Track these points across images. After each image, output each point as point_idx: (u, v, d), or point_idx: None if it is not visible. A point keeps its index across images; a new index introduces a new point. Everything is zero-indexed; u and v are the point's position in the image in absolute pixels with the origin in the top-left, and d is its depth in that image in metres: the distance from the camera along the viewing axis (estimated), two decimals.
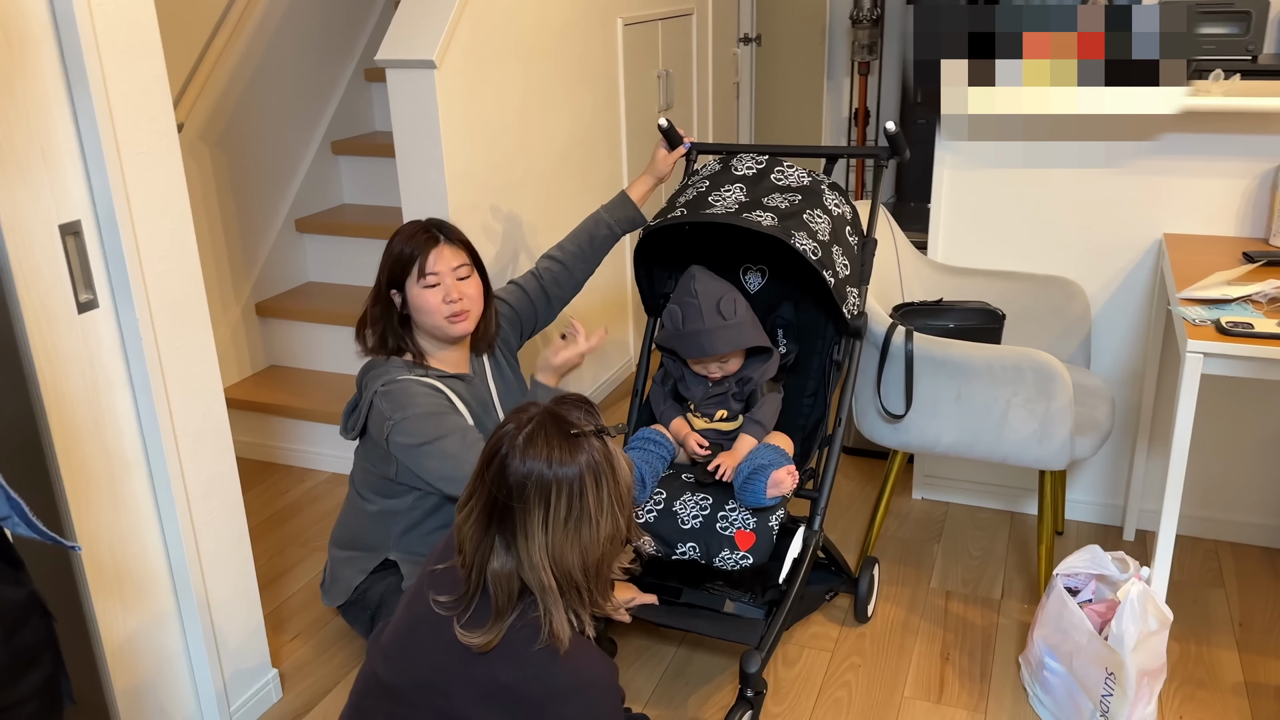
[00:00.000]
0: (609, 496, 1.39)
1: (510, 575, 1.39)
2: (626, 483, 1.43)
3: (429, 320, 2.10)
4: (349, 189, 3.77)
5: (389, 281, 2.11)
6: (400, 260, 2.10)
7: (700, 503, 1.99)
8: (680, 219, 2.06)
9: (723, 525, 1.95)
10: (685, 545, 1.96)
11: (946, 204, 2.66)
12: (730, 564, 1.93)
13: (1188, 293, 2.02)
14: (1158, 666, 1.92)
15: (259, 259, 3.44)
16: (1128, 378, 2.63)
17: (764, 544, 1.93)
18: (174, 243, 1.83)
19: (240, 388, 3.34)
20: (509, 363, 2.34)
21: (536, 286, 2.39)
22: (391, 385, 2.04)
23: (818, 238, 2.01)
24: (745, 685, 1.93)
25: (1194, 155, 2.42)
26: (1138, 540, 2.71)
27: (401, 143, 2.57)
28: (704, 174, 2.20)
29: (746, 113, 5.01)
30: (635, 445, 2.11)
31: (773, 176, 2.12)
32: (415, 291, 2.09)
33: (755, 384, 2.12)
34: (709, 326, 2.04)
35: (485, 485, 1.40)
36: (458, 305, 2.10)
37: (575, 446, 1.38)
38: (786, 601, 1.99)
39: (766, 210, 2.02)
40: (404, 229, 2.13)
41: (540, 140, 3.03)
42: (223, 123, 3.23)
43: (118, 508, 1.80)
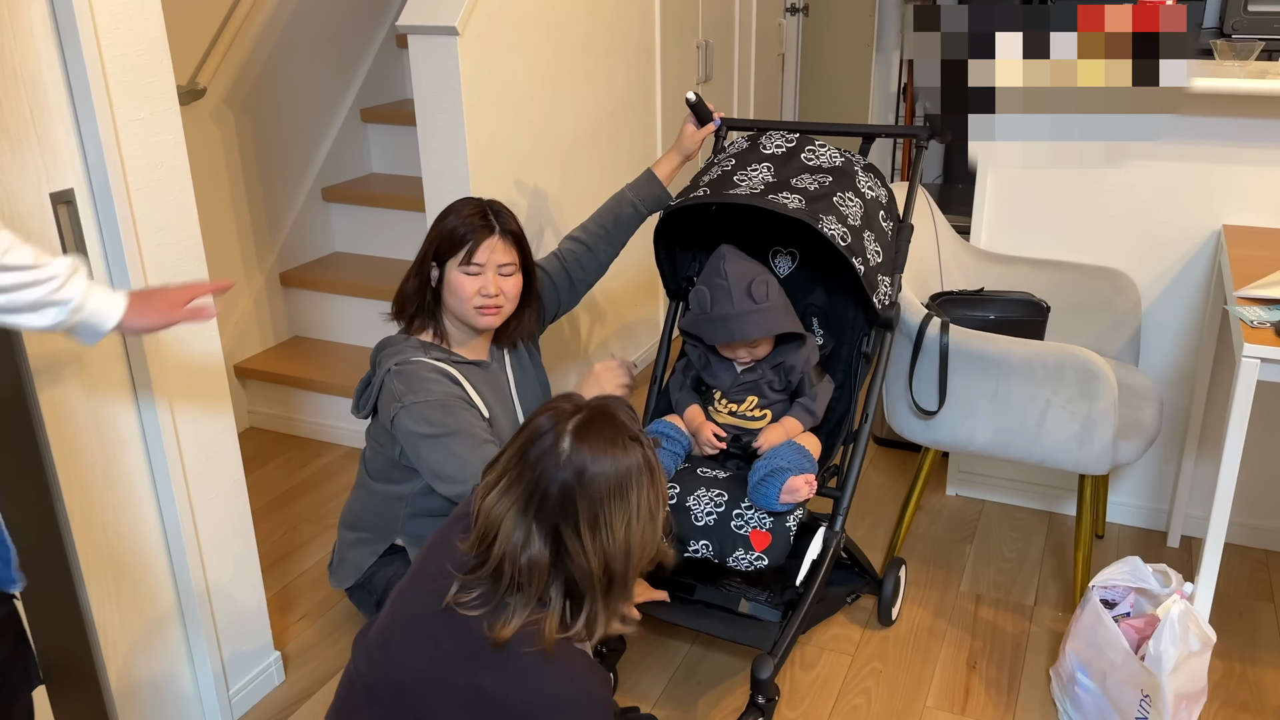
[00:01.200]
0: (655, 499, 1.37)
1: (544, 567, 1.32)
2: (664, 490, 1.41)
3: (458, 305, 2.02)
4: (378, 158, 3.69)
5: (434, 255, 2.03)
6: (450, 239, 2.01)
7: (715, 499, 1.89)
8: (703, 199, 1.95)
9: (737, 524, 1.85)
10: (698, 543, 1.87)
11: (991, 187, 2.52)
12: (744, 564, 1.84)
13: (1246, 291, 1.88)
14: (1198, 690, 1.80)
15: (284, 228, 3.38)
16: (1178, 377, 2.49)
17: (780, 545, 1.84)
18: (174, 213, 1.76)
19: (262, 358, 3.29)
20: (530, 352, 2.25)
21: (559, 269, 2.30)
22: (405, 366, 1.97)
23: (848, 222, 1.89)
24: (756, 691, 1.84)
25: (1259, 142, 2.26)
26: (1182, 547, 2.57)
27: (423, 112, 2.49)
28: (730, 152, 2.09)
29: (791, 86, 4.86)
30: None
31: (803, 156, 2.01)
32: (454, 273, 2.01)
33: (801, 371, 2.00)
34: (739, 310, 1.92)
35: (528, 468, 1.34)
36: (492, 300, 2.02)
37: (628, 445, 1.34)
38: (803, 605, 1.90)
39: (794, 192, 1.91)
40: (462, 207, 2.05)
41: (569, 113, 2.93)
42: (248, 87, 3.17)
43: (112, 485, 1.74)
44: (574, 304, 2.37)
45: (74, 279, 1.33)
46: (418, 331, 2.08)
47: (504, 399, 2.14)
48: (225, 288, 1.54)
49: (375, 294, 3.21)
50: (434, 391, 1.94)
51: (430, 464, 1.93)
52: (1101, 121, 2.29)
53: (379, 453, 2.10)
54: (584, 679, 1.35)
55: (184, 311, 1.46)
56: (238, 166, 3.17)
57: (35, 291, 1.29)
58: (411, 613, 1.40)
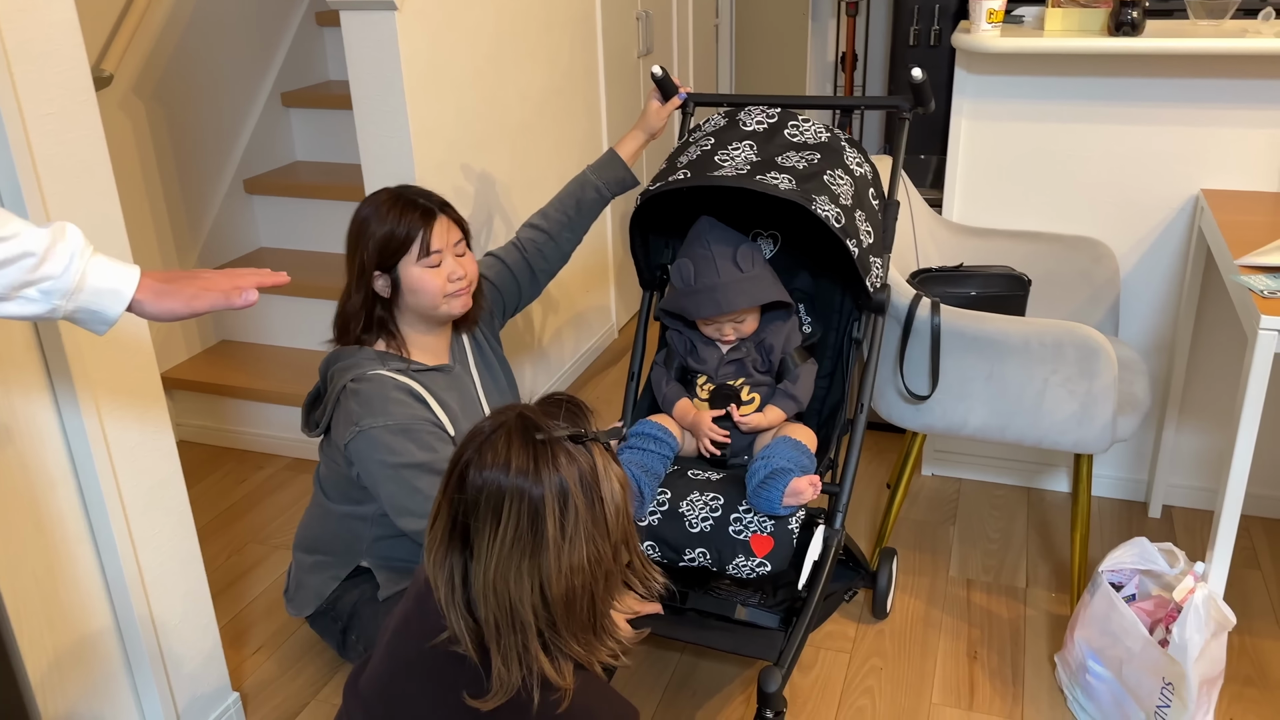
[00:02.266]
0: (585, 518, 1.12)
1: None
2: (617, 502, 1.15)
3: (426, 302, 1.85)
4: (302, 145, 3.46)
5: (378, 263, 1.83)
6: (392, 240, 1.82)
7: (710, 503, 1.76)
8: (685, 182, 1.80)
9: (736, 529, 1.72)
10: (694, 551, 1.74)
11: (964, 157, 2.43)
12: (746, 571, 1.72)
13: (1248, 259, 1.81)
14: (1218, 673, 1.75)
15: (205, 224, 3.14)
16: (1157, 346, 2.44)
17: (783, 549, 1.72)
18: (96, 216, 1.55)
19: (188, 367, 3.06)
20: (492, 346, 2.09)
21: (519, 259, 2.13)
22: (363, 384, 1.79)
23: (840, 202, 1.77)
24: (764, 705, 1.71)
25: (1236, 103, 2.20)
26: (1164, 517, 2.54)
27: (360, 94, 2.29)
28: (707, 130, 1.95)
29: (726, 58, 4.73)
30: (632, 444, 1.87)
31: (786, 132, 1.88)
32: (414, 273, 1.83)
33: (783, 352, 1.89)
34: (725, 280, 1.81)
35: (448, 501, 1.16)
36: (461, 283, 1.87)
37: (542, 455, 1.11)
38: (808, 610, 1.77)
39: (782, 171, 1.78)
40: (379, 201, 1.85)
41: (514, 91, 2.75)
42: (158, 73, 2.91)
43: (41, 530, 1.54)
44: (536, 295, 2.21)
45: (56, 252, 1.07)
46: (369, 344, 1.90)
47: (471, 402, 1.98)
48: (278, 283, 1.30)
49: (307, 291, 3.00)
50: (395, 414, 1.76)
51: (389, 496, 1.76)
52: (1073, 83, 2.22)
53: (336, 471, 1.92)
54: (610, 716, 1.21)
55: (216, 295, 1.22)
56: (152, 160, 2.92)
57: (6, 273, 1.04)
58: (410, 661, 1.24)
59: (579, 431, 1.14)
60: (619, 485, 1.16)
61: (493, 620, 1.13)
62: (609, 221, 3.52)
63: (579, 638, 1.17)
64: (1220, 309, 2.35)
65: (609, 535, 1.15)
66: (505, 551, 1.11)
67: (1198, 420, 2.47)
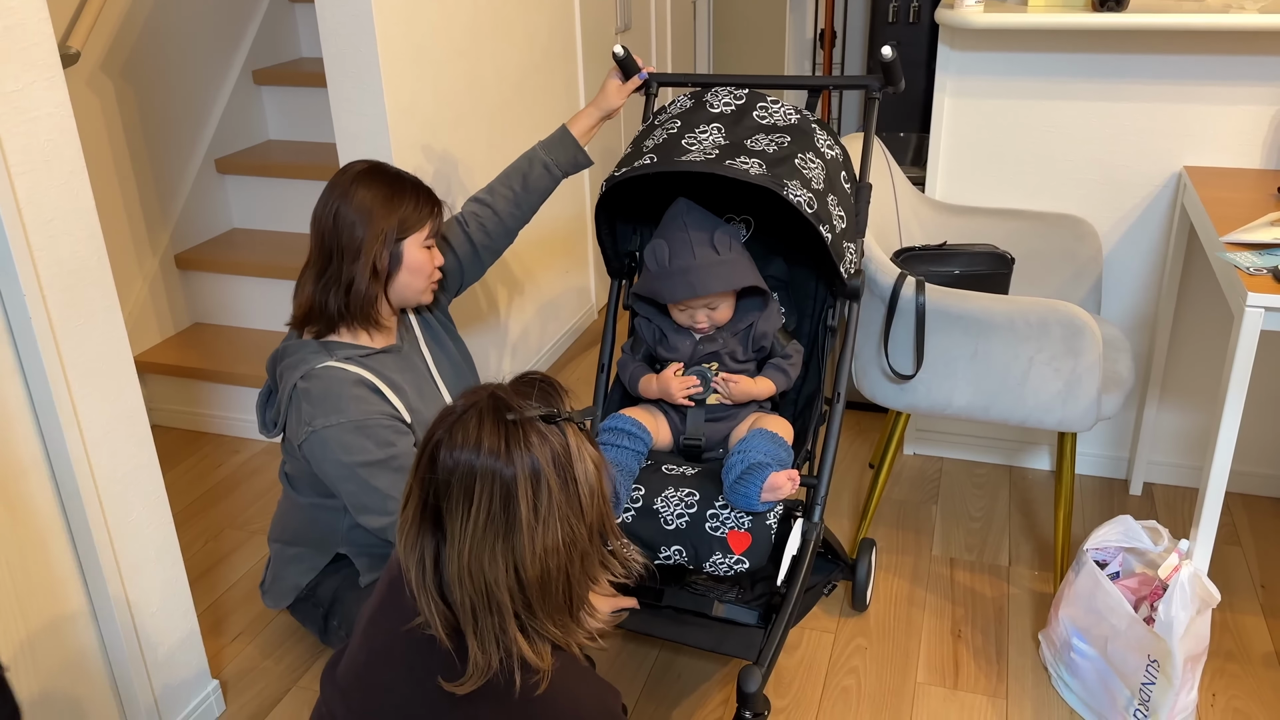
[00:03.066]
0: (558, 499, 1.11)
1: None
2: (591, 483, 1.14)
3: (418, 284, 1.86)
4: (274, 124, 3.40)
5: (398, 234, 1.80)
6: (418, 213, 1.83)
7: (686, 499, 1.68)
8: (651, 167, 1.71)
9: (713, 525, 1.65)
10: (670, 548, 1.67)
11: (947, 135, 2.41)
12: (723, 569, 1.65)
13: (1233, 236, 1.81)
14: (1202, 649, 1.75)
15: (176, 205, 3.08)
16: (1139, 323, 2.44)
17: (761, 545, 1.64)
18: (66, 198, 1.51)
19: (162, 350, 3.01)
20: (441, 322, 2.05)
21: (461, 236, 2.05)
22: (314, 381, 1.73)
23: (811, 186, 1.69)
24: (744, 706, 1.61)
25: (1219, 79, 2.20)
26: (1144, 494, 2.55)
27: (334, 72, 2.24)
28: (673, 112, 1.87)
29: (705, 35, 4.69)
30: (604, 440, 1.78)
31: (755, 114, 1.80)
32: (415, 253, 1.83)
33: (768, 335, 1.84)
34: (700, 263, 1.74)
35: (419, 482, 1.13)
36: (437, 275, 1.90)
37: (514, 435, 1.10)
38: (788, 607, 1.68)
39: (752, 155, 1.70)
40: (386, 173, 1.83)
41: (491, 69, 2.71)
42: (127, 50, 2.85)
43: (14, 520, 1.51)
44: (480, 274, 2.12)
45: None
46: (325, 334, 1.82)
47: (424, 380, 1.94)
48: None
49: (281, 273, 2.95)
50: (349, 411, 1.71)
51: (348, 495, 1.74)
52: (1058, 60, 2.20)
53: (298, 466, 1.87)
54: (592, 701, 1.19)
55: None
56: (121, 139, 2.86)
57: None
58: (387, 648, 1.22)
59: (551, 411, 1.12)
60: (594, 466, 1.14)
61: (469, 603, 1.11)
62: (587, 201, 3.48)
63: (555, 620, 1.16)
64: (1202, 286, 2.35)
65: (584, 516, 1.13)
66: (478, 534, 1.09)
67: (1179, 398, 2.48)
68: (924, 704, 1.94)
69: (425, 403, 1.89)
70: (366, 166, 1.84)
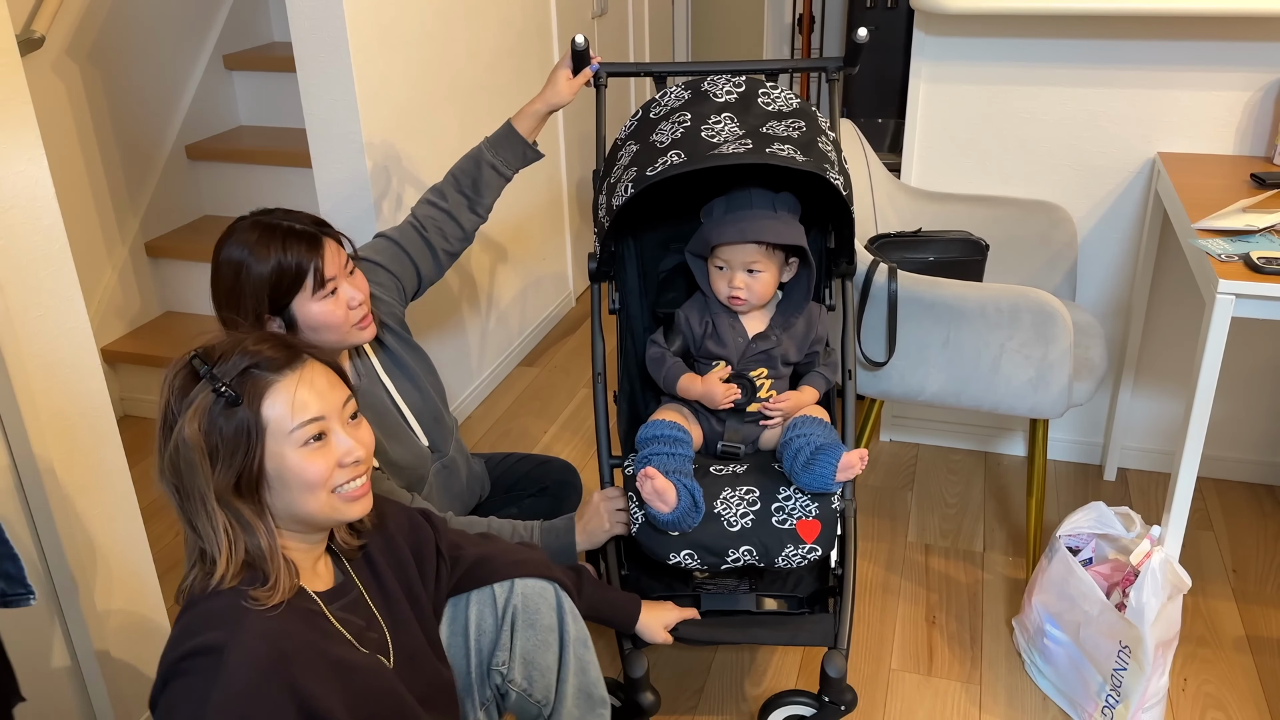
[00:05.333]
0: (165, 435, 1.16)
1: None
2: (180, 445, 1.14)
3: (332, 338, 1.66)
4: (246, 109, 3.36)
5: (270, 307, 1.61)
6: (282, 280, 1.60)
7: (746, 497, 1.65)
8: (687, 165, 1.62)
9: (780, 519, 1.63)
10: (738, 550, 1.63)
11: (923, 121, 2.40)
12: (796, 560, 1.63)
13: (1205, 223, 1.81)
14: (1173, 635, 1.76)
15: (146, 192, 3.04)
16: (1113, 310, 2.45)
17: (829, 530, 1.64)
18: (25, 188, 1.48)
19: (132, 339, 2.97)
20: (400, 337, 1.91)
21: (416, 239, 1.96)
22: None
23: (838, 167, 1.70)
24: (834, 692, 1.65)
25: (1193, 65, 2.20)
26: (1119, 480, 2.56)
27: (303, 55, 2.22)
28: (671, 104, 1.79)
29: (683, 20, 4.66)
30: (656, 450, 1.69)
31: (760, 101, 1.76)
32: (310, 309, 1.62)
33: (824, 339, 1.82)
34: (756, 213, 1.71)
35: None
36: (361, 309, 1.68)
37: (179, 366, 1.16)
38: (848, 586, 1.70)
39: (783, 142, 1.65)
40: (247, 238, 1.60)
41: (464, 50, 2.68)
42: (93, 34, 2.80)
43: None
44: (438, 276, 2.02)
45: None
46: None
47: (387, 413, 1.82)
48: None
49: None
50: None
51: None
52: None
53: None
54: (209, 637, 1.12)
55: None
56: (88, 125, 2.82)
57: None
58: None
59: (199, 362, 1.16)
60: (189, 438, 1.14)
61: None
62: (564, 188, 3.46)
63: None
64: (1176, 273, 2.36)
65: (164, 474, 1.17)
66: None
67: (1153, 383, 2.49)
68: (898, 690, 1.94)
69: (389, 438, 1.79)
70: (232, 232, 1.63)
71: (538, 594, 1.50)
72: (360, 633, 1.25)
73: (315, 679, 1.14)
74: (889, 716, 1.89)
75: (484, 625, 1.50)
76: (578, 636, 1.53)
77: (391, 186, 2.42)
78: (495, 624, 1.50)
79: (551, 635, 1.51)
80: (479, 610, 1.50)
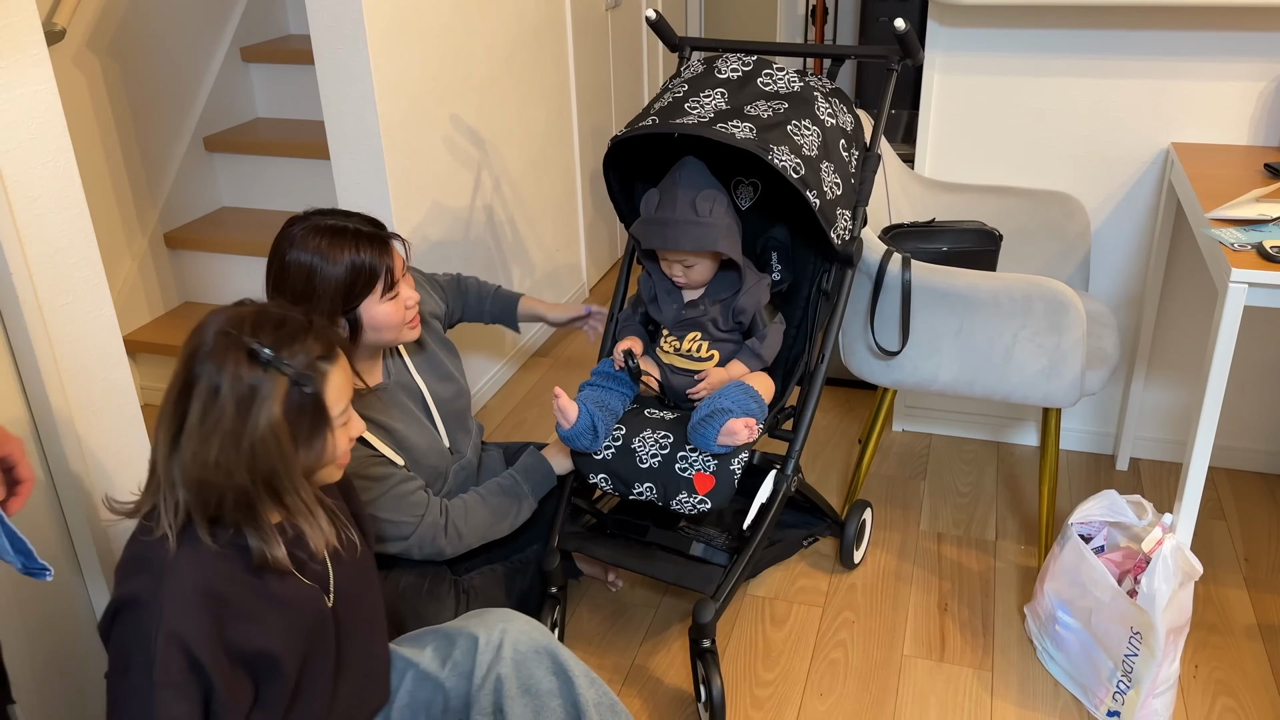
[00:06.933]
0: (226, 425, 1.15)
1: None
2: (259, 435, 1.16)
3: (388, 336, 1.72)
4: (263, 101, 3.38)
5: (345, 307, 1.65)
6: (360, 278, 1.64)
7: (660, 440, 1.81)
8: (649, 128, 1.79)
9: (681, 466, 1.78)
10: (642, 485, 1.80)
11: (937, 112, 2.41)
12: (687, 507, 1.77)
13: (1218, 212, 1.82)
14: (1184, 621, 1.77)
15: (165, 183, 3.07)
16: (1126, 300, 2.45)
17: (724, 488, 1.76)
18: (52, 177, 1.51)
19: (152, 329, 3.00)
20: (437, 334, 1.98)
21: (455, 289, 2.15)
22: None
23: (802, 153, 1.74)
24: (698, 636, 1.76)
25: (1207, 56, 2.20)
26: (1131, 470, 2.57)
27: (321, 48, 2.24)
28: (685, 76, 1.92)
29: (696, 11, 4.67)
30: (594, 381, 1.92)
31: (760, 81, 1.85)
32: (377, 310, 1.68)
33: (752, 313, 1.90)
34: (678, 218, 1.81)
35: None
36: (414, 309, 1.74)
37: (218, 347, 1.16)
38: (748, 549, 1.81)
39: (746, 120, 1.76)
40: (317, 242, 1.62)
41: (480, 43, 2.70)
42: (113, 27, 2.83)
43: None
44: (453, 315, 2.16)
45: None
46: None
47: (418, 411, 1.87)
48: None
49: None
50: None
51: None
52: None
53: None
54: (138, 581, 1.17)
55: None
56: (108, 117, 2.85)
57: None
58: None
59: (260, 348, 1.15)
60: (269, 424, 1.16)
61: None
62: (578, 181, 3.48)
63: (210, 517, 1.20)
64: (1190, 263, 2.36)
65: (241, 454, 1.15)
66: (165, 408, 1.18)
67: (1166, 373, 2.49)
68: (910, 676, 1.96)
69: (418, 434, 1.83)
70: (296, 232, 1.65)
71: (530, 654, 1.44)
72: (302, 565, 1.30)
73: (247, 618, 1.19)
74: (901, 702, 1.91)
75: (461, 669, 1.44)
76: (599, 702, 1.45)
77: (409, 178, 2.44)
78: (471, 688, 1.43)
79: (555, 701, 1.43)
80: (459, 666, 1.44)
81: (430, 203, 2.55)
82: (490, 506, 1.85)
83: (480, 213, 2.83)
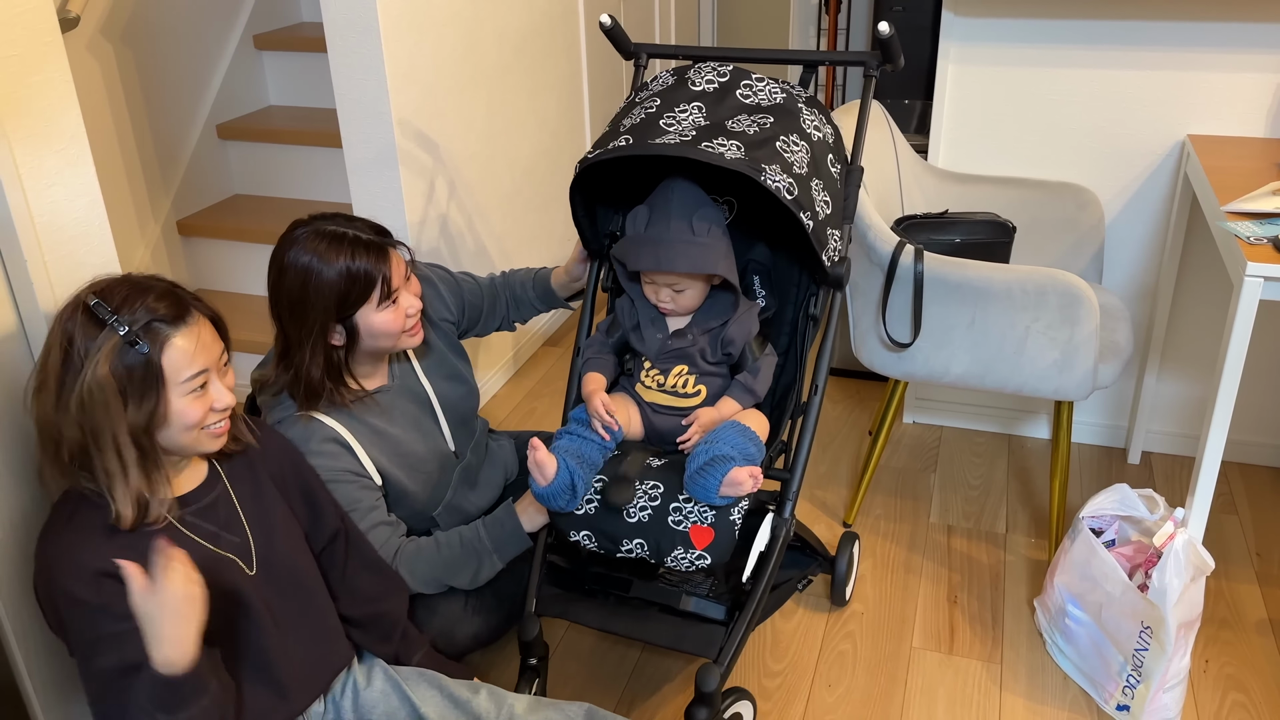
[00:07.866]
0: (55, 377, 1.25)
1: None
2: (89, 389, 1.23)
3: (385, 344, 1.68)
4: (275, 89, 3.39)
5: (338, 316, 1.63)
6: (356, 286, 1.61)
7: (650, 492, 1.62)
8: (625, 150, 1.61)
9: (675, 519, 1.59)
10: (631, 542, 1.60)
11: (950, 103, 2.40)
12: (684, 564, 1.58)
13: (1234, 205, 1.81)
14: (1195, 616, 1.77)
15: (178, 171, 3.08)
16: (1140, 292, 2.44)
17: (724, 541, 1.58)
18: (66, 165, 1.51)
19: None
20: (445, 336, 1.92)
21: (494, 291, 2.05)
22: (284, 428, 1.65)
23: (794, 171, 1.59)
24: (700, 705, 1.58)
25: (1223, 47, 2.18)
26: (1143, 464, 2.56)
27: (334, 37, 2.24)
28: (654, 89, 1.75)
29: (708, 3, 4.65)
30: (572, 430, 1.71)
31: (738, 93, 1.70)
32: (373, 318, 1.65)
33: (741, 344, 1.74)
34: (674, 238, 1.65)
35: None
36: (415, 317, 1.70)
37: (73, 307, 1.27)
38: (752, 603, 1.63)
39: (731, 136, 1.59)
40: (316, 245, 1.61)
41: (492, 31, 2.69)
42: (127, 15, 2.83)
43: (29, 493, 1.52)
44: (487, 331, 2.09)
45: None
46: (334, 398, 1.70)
47: (418, 416, 1.84)
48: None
49: None
50: (314, 466, 1.62)
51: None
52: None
53: None
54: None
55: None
56: (122, 104, 2.85)
57: None
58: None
59: (97, 305, 1.24)
60: (94, 381, 1.23)
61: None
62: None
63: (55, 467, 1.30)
64: (1204, 255, 2.35)
65: (67, 407, 1.24)
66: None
67: (1178, 367, 2.48)
68: (919, 668, 1.96)
69: (420, 437, 1.81)
70: (298, 234, 1.64)
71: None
72: (213, 537, 1.33)
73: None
74: (910, 694, 1.91)
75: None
76: None
77: (421, 166, 2.44)
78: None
79: None
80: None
81: (442, 190, 2.55)
82: (444, 558, 1.74)
83: (492, 200, 2.83)
